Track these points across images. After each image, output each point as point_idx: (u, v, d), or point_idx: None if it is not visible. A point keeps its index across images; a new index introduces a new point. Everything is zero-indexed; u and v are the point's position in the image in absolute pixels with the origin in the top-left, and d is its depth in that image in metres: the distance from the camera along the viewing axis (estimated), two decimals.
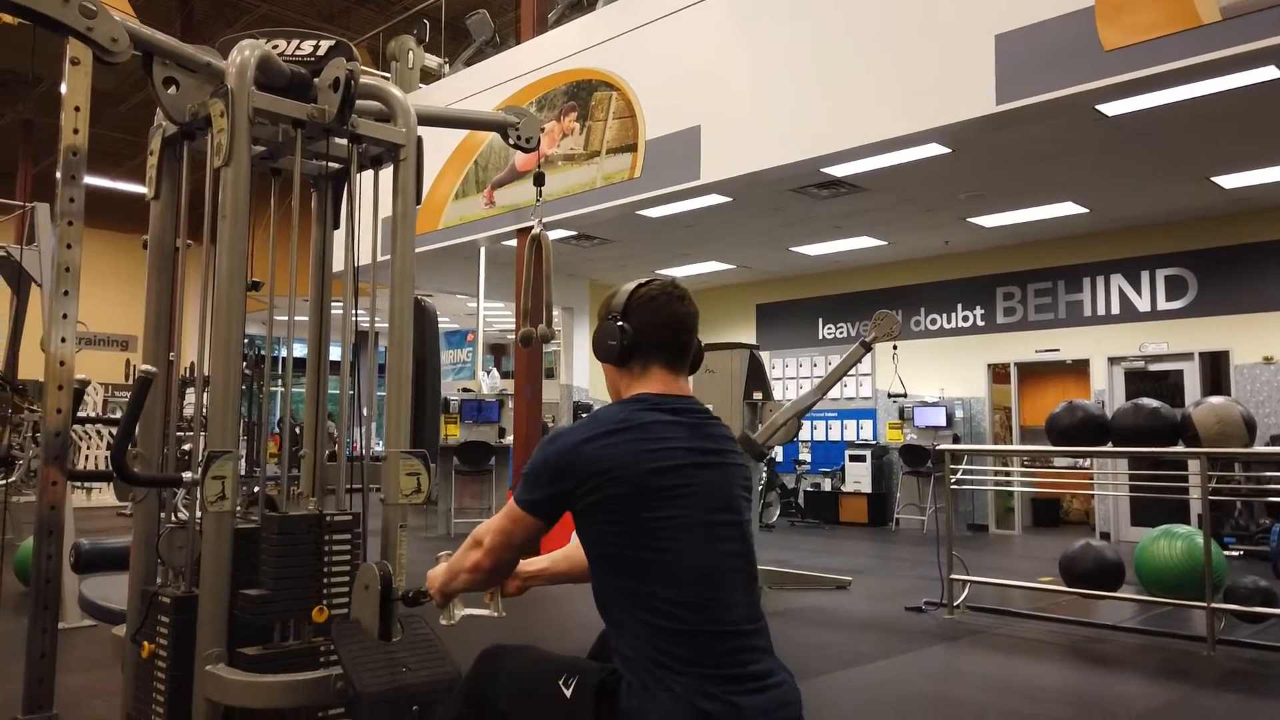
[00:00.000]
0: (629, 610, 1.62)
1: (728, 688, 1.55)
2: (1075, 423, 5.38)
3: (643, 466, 1.64)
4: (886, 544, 10.22)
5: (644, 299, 1.80)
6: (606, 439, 1.67)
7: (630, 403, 1.76)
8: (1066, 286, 11.30)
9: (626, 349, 1.78)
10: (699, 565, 1.62)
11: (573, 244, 11.73)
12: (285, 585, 2.52)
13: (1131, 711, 3.79)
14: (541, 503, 1.73)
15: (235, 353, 2.56)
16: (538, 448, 1.78)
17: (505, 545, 1.81)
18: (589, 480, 1.65)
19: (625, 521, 1.64)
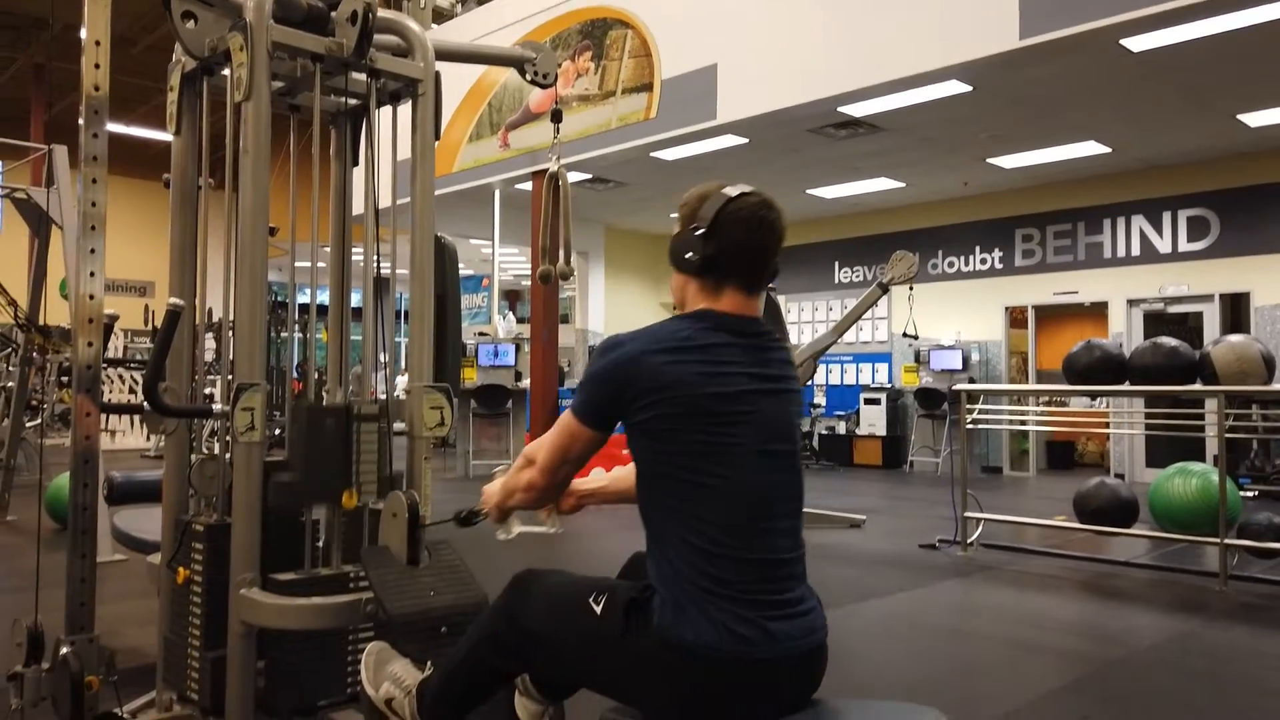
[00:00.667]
0: (674, 529, 1.61)
1: (762, 612, 1.57)
2: (1093, 362, 5.38)
3: (703, 389, 1.60)
4: (900, 485, 10.30)
5: (735, 216, 1.66)
6: (669, 355, 1.62)
7: (696, 319, 1.68)
8: (1086, 228, 11.19)
9: (705, 264, 1.67)
10: (750, 493, 1.62)
11: (587, 187, 11.67)
12: (314, 471, 2.56)
13: (1142, 643, 3.85)
14: (598, 413, 1.68)
15: (260, 287, 2.59)
16: (596, 355, 1.72)
17: (561, 460, 1.79)
18: (648, 394, 1.60)
19: (680, 442, 1.60)
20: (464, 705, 1.98)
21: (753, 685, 1.56)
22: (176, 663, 2.76)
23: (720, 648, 1.53)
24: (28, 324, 6.47)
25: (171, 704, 2.75)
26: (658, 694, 1.60)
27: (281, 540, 2.77)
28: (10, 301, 6.15)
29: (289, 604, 2.46)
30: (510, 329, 11.20)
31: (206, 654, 2.62)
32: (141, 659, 3.39)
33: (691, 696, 1.56)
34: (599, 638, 1.66)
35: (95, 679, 2.44)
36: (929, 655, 3.74)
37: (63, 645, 2.43)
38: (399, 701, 2.02)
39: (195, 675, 2.66)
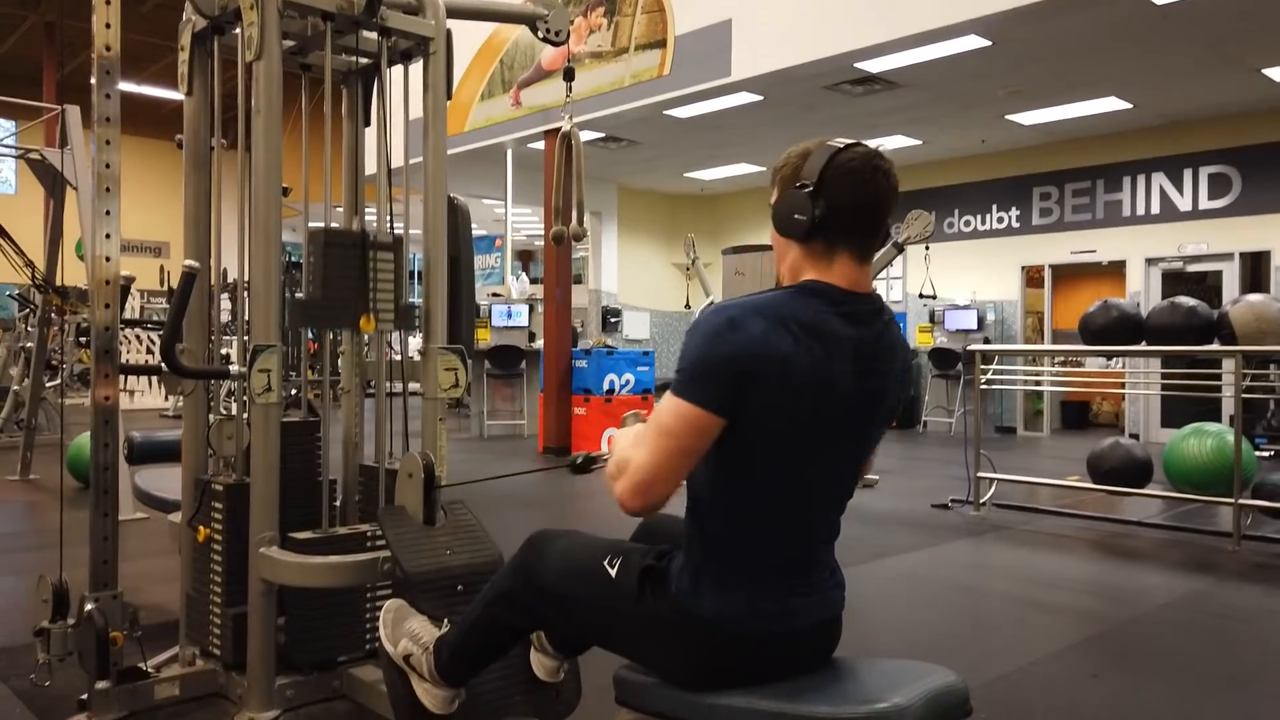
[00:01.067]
0: (722, 504, 1.57)
1: (785, 590, 1.58)
2: (1110, 322, 5.34)
3: (813, 390, 1.48)
4: (913, 446, 10.31)
5: (843, 169, 1.51)
6: (791, 342, 1.47)
7: (813, 298, 1.52)
8: (1105, 186, 11.04)
9: (815, 227, 1.51)
10: (812, 492, 1.58)
11: (600, 146, 11.58)
12: (333, 293, 2.60)
13: (1154, 602, 3.87)
14: (723, 397, 1.47)
15: (274, 248, 2.59)
16: (708, 333, 1.49)
17: (673, 465, 1.50)
18: (766, 381, 1.46)
19: (765, 435, 1.50)
20: (480, 661, 2.01)
21: (768, 655, 1.57)
22: (198, 619, 2.82)
23: (739, 621, 1.55)
24: (45, 285, 6.51)
25: (194, 659, 2.81)
26: (671, 657, 1.62)
27: (299, 500, 2.82)
28: (27, 263, 6.18)
29: (308, 562, 2.50)
30: (524, 290, 11.19)
31: (228, 610, 2.67)
32: (164, 615, 3.45)
33: (705, 662, 1.57)
34: (613, 601, 1.68)
35: (119, 634, 2.49)
36: (941, 613, 3.77)
37: (87, 602, 2.48)
38: (416, 658, 2.05)
39: (217, 631, 2.72)
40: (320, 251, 2.62)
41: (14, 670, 2.88)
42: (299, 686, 2.63)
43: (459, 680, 2.03)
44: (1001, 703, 2.70)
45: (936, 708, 1.45)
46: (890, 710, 1.40)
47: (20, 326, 9.88)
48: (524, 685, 2.24)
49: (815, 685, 1.55)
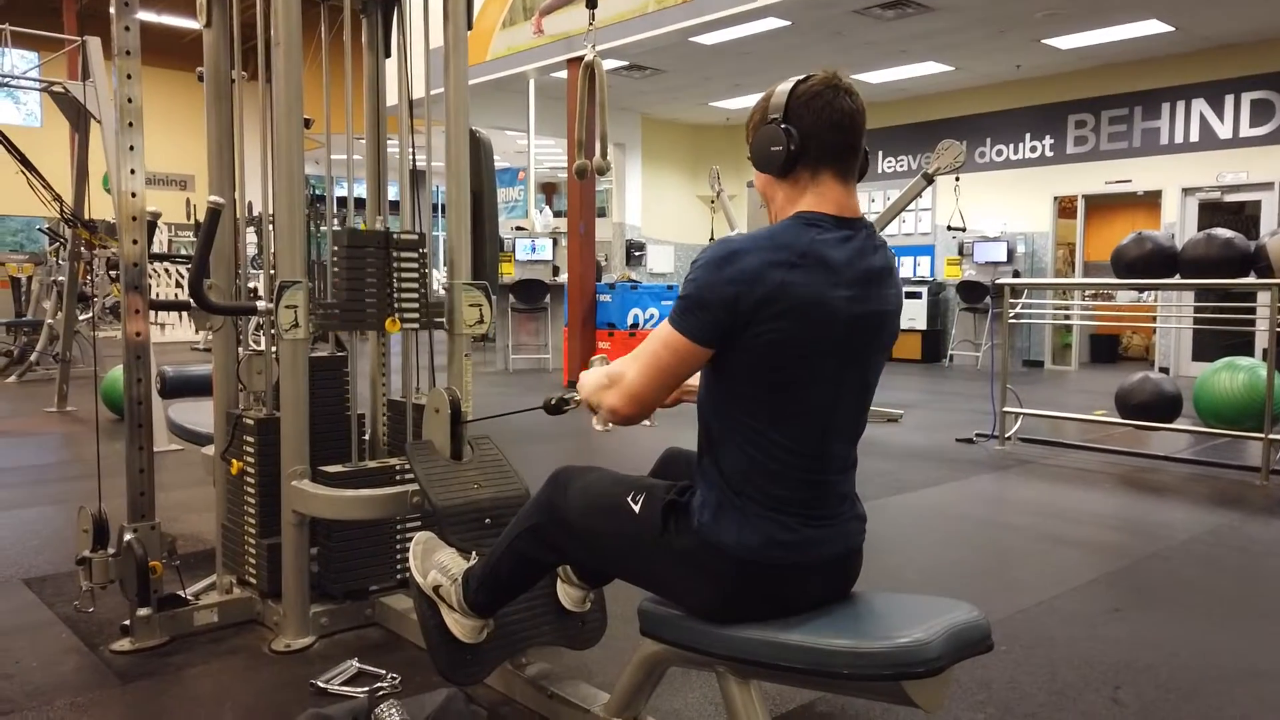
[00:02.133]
0: (736, 438, 1.59)
1: (804, 520, 1.59)
2: (1143, 254, 5.23)
3: (812, 314, 1.51)
4: (939, 380, 10.26)
5: (807, 95, 1.57)
6: (789, 270, 1.50)
7: (809, 224, 1.56)
8: (1143, 113, 10.74)
9: (793, 155, 1.56)
10: (823, 422, 1.59)
11: (624, 75, 11.38)
12: (358, 296, 2.63)
13: (1178, 537, 3.87)
14: (711, 328, 1.52)
15: (297, 184, 2.59)
16: (707, 264, 1.54)
17: (661, 384, 1.61)
18: (768, 314, 1.50)
19: (770, 358, 1.53)
20: (508, 593, 2.05)
21: (786, 586, 1.59)
22: (234, 549, 2.89)
23: (759, 551, 1.56)
24: (73, 219, 6.55)
25: (231, 587, 2.89)
26: (693, 590, 1.65)
27: (329, 434, 2.86)
28: (55, 197, 6.21)
29: (338, 495, 2.55)
30: (547, 223, 11.13)
31: (262, 541, 2.74)
32: (200, 544, 3.55)
33: (727, 594, 1.60)
34: (637, 536, 1.70)
35: (158, 564, 2.56)
36: (962, 547, 3.79)
37: (126, 532, 2.54)
38: (446, 589, 2.09)
39: (252, 561, 2.79)
40: (344, 255, 2.64)
41: (59, 597, 2.97)
42: (332, 614, 2.70)
43: (487, 611, 2.08)
44: (1022, 636, 2.72)
45: (958, 642, 1.46)
46: (911, 645, 1.42)
47: (51, 260, 9.99)
48: (551, 615, 2.29)
49: (836, 619, 1.57)
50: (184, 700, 2.27)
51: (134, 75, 2.54)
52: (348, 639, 2.66)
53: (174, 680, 2.38)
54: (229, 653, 2.56)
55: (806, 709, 2.23)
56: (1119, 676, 2.44)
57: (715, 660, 1.66)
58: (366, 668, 2.42)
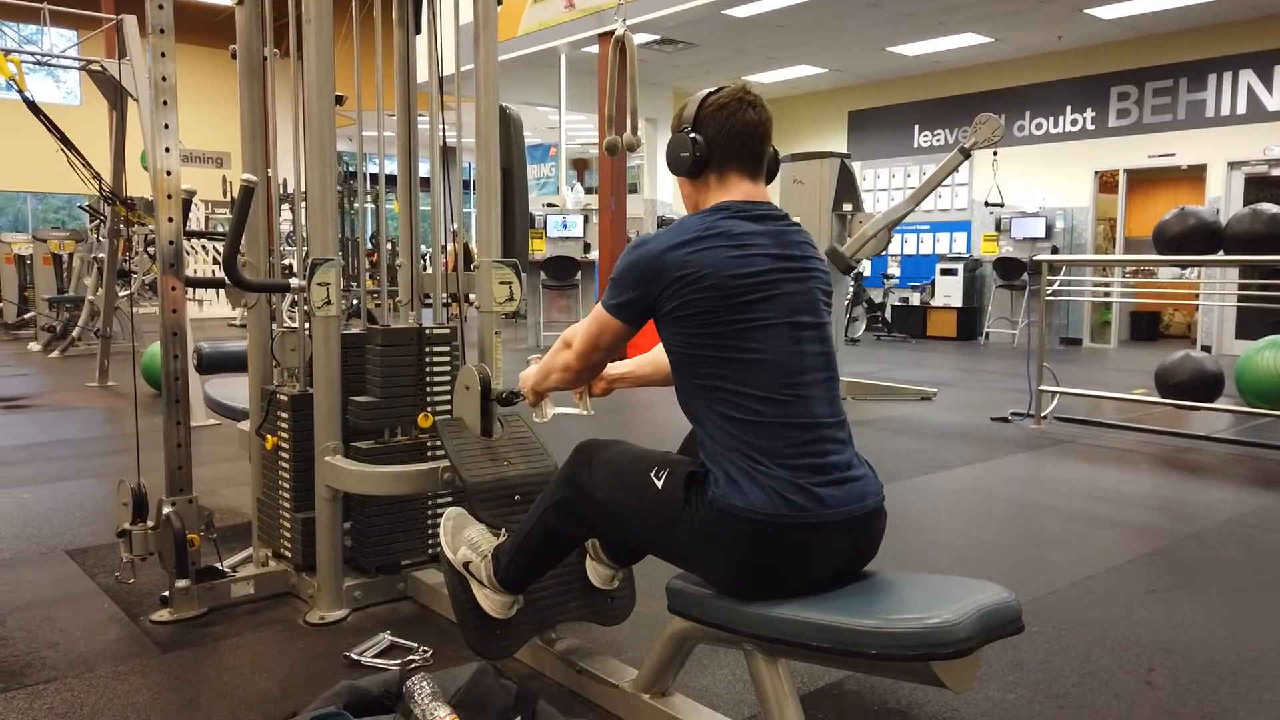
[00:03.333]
0: (712, 407, 1.68)
1: (809, 479, 1.60)
2: (1186, 230, 5.12)
3: (727, 272, 1.65)
4: (974, 358, 10.15)
5: (714, 107, 1.76)
6: (692, 245, 1.68)
7: (714, 211, 1.75)
8: (1189, 85, 10.48)
9: (699, 159, 1.77)
10: (781, 363, 1.66)
11: (655, 49, 11.29)
12: (391, 393, 2.69)
13: (1217, 518, 3.80)
14: (626, 307, 1.77)
15: (329, 162, 2.60)
16: (624, 253, 1.80)
17: (593, 347, 1.90)
18: (673, 286, 1.68)
19: (709, 325, 1.67)
20: (536, 569, 2.07)
21: (804, 550, 1.60)
22: (269, 523, 2.93)
23: (774, 513, 1.58)
24: (112, 196, 6.64)
25: (267, 560, 2.93)
26: (715, 560, 1.66)
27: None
28: (94, 175, 6.30)
29: (371, 471, 2.57)
30: (578, 200, 11.11)
31: (296, 515, 2.78)
32: (237, 517, 3.61)
33: (746, 560, 1.61)
34: (661, 510, 1.71)
35: (196, 537, 2.61)
36: (995, 526, 3.75)
37: (165, 506, 2.59)
38: (476, 564, 2.12)
39: (287, 535, 2.83)
40: (378, 354, 2.69)
41: (100, 568, 3.04)
42: (365, 588, 2.74)
43: (517, 587, 2.10)
44: (1055, 617, 2.70)
45: (988, 623, 1.45)
46: (941, 626, 1.41)
47: (92, 237, 10.15)
48: (580, 592, 2.30)
49: (864, 598, 1.57)
50: (221, 669, 2.32)
51: (168, 53, 2.56)
52: (380, 612, 2.70)
53: (212, 650, 2.43)
54: (265, 624, 2.61)
55: (835, 686, 2.23)
56: (1154, 658, 2.42)
57: (743, 638, 1.67)
58: (399, 640, 2.45)
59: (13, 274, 12.54)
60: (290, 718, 1.79)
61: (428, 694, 1.87)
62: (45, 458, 4.83)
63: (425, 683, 1.89)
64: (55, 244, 11.03)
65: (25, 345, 10.51)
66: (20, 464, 4.68)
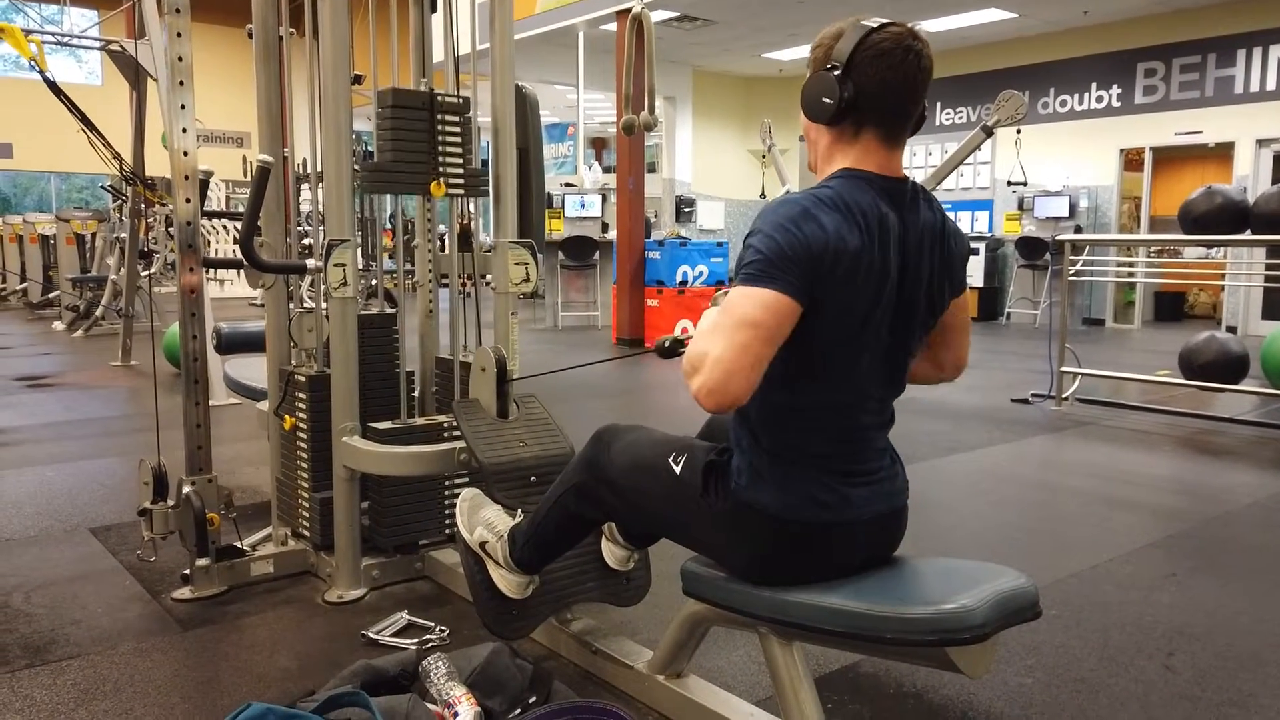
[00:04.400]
0: (769, 398, 1.54)
1: (842, 480, 1.56)
2: (1213, 209, 5.03)
3: (873, 280, 1.47)
4: (995, 338, 10.06)
5: (875, 50, 1.47)
6: (852, 231, 1.45)
7: (865, 185, 1.50)
8: (1218, 60, 10.28)
9: (843, 110, 1.49)
10: (859, 377, 1.54)
11: (674, 26, 11.20)
12: (402, 157, 2.63)
13: (1240, 501, 3.76)
14: (800, 282, 1.43)
15: (345, 142, 2.59)
16: (784, 222, 1.44)
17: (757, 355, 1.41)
18: (835, 267, 1.44)
19: (826, 323, 1.48)
20: (553, 550, 2.06)
21: (828, 547, 1.57)
22: (288, 502, 2.96)
23: (799, 512, 1.54)
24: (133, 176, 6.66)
25: (286, 539, 2.96)
26: (735, 551, 1.64)
27: (379, 390, 2.90)
28: (115, 155, 6.32)
29: (387, 452, 2.58)
30: (596, 179, 11.07)
31: (314, 495, 2.80)
32: (257, 496, 3.64)
33: (767, 555, 1.59)
34: (678, 496, 1.69)
35: (216, 516, 2.63)
36: (1014, 508, 3.73)
37: (185, 485, 2.61)
38: (492, 545, 2.12)
39: (306, 514, 2.85)
40: (388, 114, 2.61)
41: (123, 546, 3.08)
42: (383, 567, 2.76)
43: (533, 567, 2.10)
44: (1073, 600, 2.68)
45: (1005, 609, 1.43)
46: (958, 611, 1.40)
47: (115, 217, 10.21)
48: (596, 573, 2.31)
49: (880, 583, 1.56)
50: (241, 647, 2.34)
51: (184, 33, 2.56)
52: (398, 591, 2.72)
53: (232, 628, 2.46)
54: (284, 603, 2.63)
55: (851, 669, 2.23)
56: (1173, 643, 2.39)
57: (757, 621, 1.66)
58: (416, 620, 2.47)
59: (37, 254, 12.67)
60: (308, 695, 1.80)
61: (443, 674, 1.88)
62: (69, 436, 4.89)
63: (441, 662, 1.90)
64: (78, 224, 11.12)
65: (50, 325, 10.62)
66: (45, 442, 4.73)
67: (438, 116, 2.68)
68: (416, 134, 2.65)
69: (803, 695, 1.67)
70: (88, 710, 2.02)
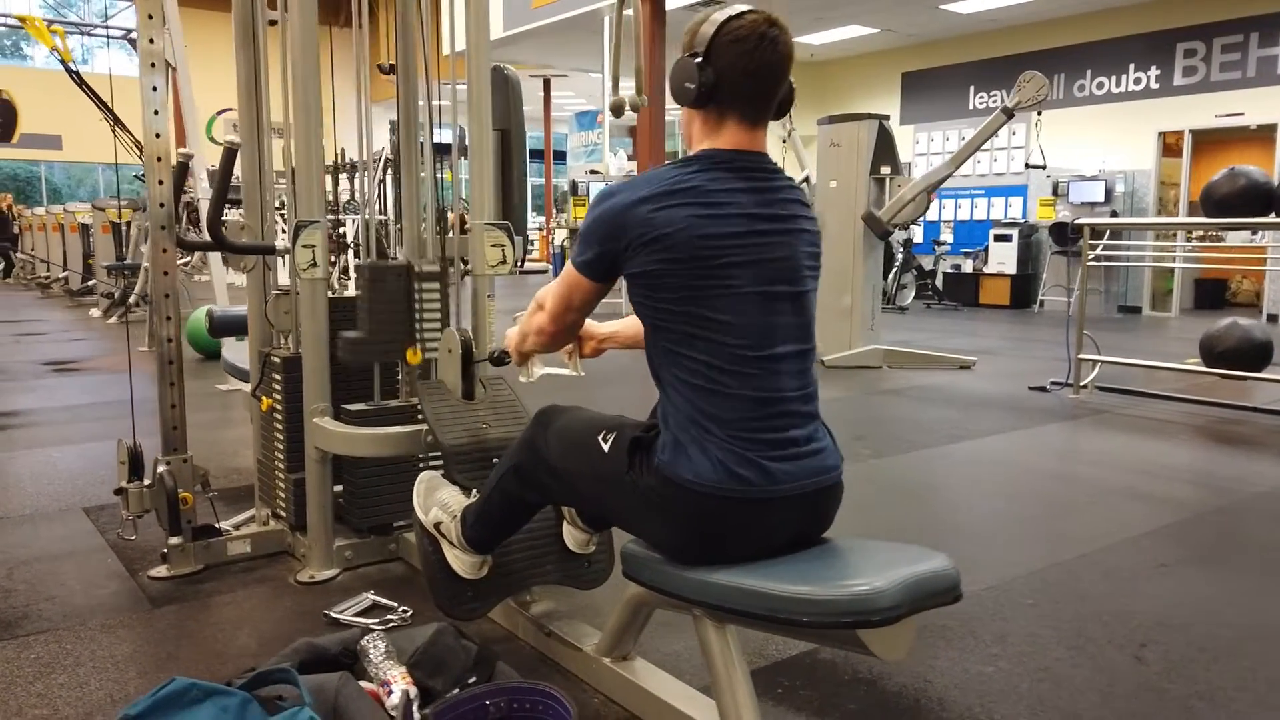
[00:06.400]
0: (673, 371, 1.60)
1: (761, 452, 1.54)
2: (1235, 191, 4.87)
3: (696, 232, 1.53)
4: (1026, 326, 9.88)
5: (732, 37, 1.55)
6: (661, 200, 1.55)
7: (691, 161, 1.61)
8: (1260, 39, 9.97)
9: (704, 93, 1.58)
10: (748, 333, 1.57)
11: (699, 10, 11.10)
12: (381, 328, 2.65)
13: (1247, 490, 3.64)
14: (593, 263, 1.65)
15: (314, 124, 2.59)
16: (591, 204, 1.68)
17: (565, 308, 1.77)
18: (640, 242, 1.55)
19: (675, 288, 1.56)
20: (501, 530, 2.05)
21: (750, 522, 1.54)
22: (267, 483, 2.98)
23: (718, 485, 1.52)
24: None
25: (268, 520, 2.99)
26: (662, 528, 1.62)
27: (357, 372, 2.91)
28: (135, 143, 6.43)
29: (355, 433, 2.59)
30: (621, 166, 11.05)
31: (290, 476, 2.82)
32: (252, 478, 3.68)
33: (692, 531, 1.56)
34: (606, 474, 1.68)
35: (189, 495, 2.66)
36: (1010, 497, 3.64)
37: (159, 465, 2.64)
38: (446, 525, 2.11)
39: (282, 495, 2.87)
40: (366, 287, 2.64)
41: (112, 525, 3.12)
42: (356, 548, 2.77)
43: (484, 547, 2.09)
44: (1054, 589, 2.61)
45: (919, 592, 1.39)
46: (868, 593, 1.36)
47: None
48: (556, 556, 2.29)
49: (803, 565, 1.52)
50: (205, 625, 2.37)
51: (155, 16, 2.57)
52: (370, 572, 2.73)
53: (201, 606, 2.49)
54: (257, 582, 2.65)
55: (808, 655, 2.19)
56: (1149, 634, 2.32)
57: (689, 604, 1.63)
58: (381, 600, 2.48)
59: (77, 243, 12.96)
60: (249, 672, 1.81)
61: (381, 653, 1.89)
62: (84, 419, 4.98)
63: (380, 641, 1.90)
64: (113, 212, 11.33)
65: (87, 311, 10.86)
66: (58, 425, 4.83)
67: (414, 284, 2.70)
68: (395, 304, 2.66)
69: (735, 680, 1.64)
70: (44, 684, 2.05)
